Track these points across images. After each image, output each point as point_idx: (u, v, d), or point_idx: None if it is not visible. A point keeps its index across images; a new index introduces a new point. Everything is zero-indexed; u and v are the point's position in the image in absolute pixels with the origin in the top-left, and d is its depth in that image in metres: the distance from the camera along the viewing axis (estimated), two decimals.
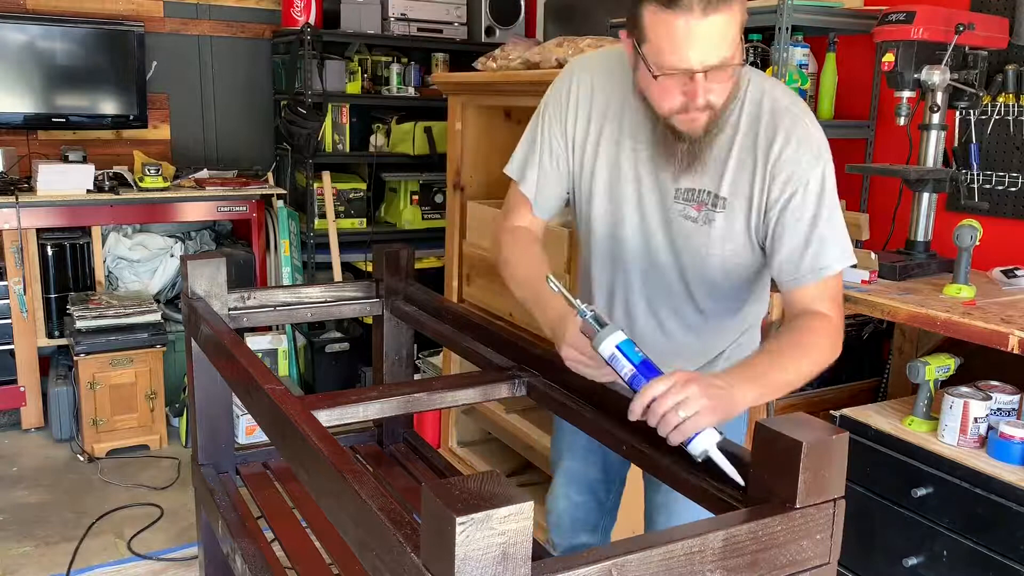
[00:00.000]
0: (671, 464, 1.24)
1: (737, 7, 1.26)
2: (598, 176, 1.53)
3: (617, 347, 1.23)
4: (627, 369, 1.23)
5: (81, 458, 3.45)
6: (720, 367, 1.60)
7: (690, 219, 1.46)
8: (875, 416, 2.09)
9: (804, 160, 1.38)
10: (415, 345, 2.69)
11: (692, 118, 1.34)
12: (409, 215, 4.32)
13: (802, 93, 2.62)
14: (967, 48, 2.25)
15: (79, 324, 3.42)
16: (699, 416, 1.15)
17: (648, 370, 1.23)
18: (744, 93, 1.41)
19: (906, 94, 2.23)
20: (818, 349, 1.34)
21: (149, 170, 3.72)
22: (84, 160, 3.71)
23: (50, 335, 3.70)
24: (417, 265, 2.38)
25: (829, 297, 1.40)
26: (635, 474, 1.88)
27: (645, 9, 1.28)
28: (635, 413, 1.19)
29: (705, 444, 1.15)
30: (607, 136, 1.51)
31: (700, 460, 1.16)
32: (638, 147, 1.48)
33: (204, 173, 4.01)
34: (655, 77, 1.30)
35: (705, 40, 1.25)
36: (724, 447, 1.15)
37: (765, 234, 1.43)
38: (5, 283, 3.53)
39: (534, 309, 1.49)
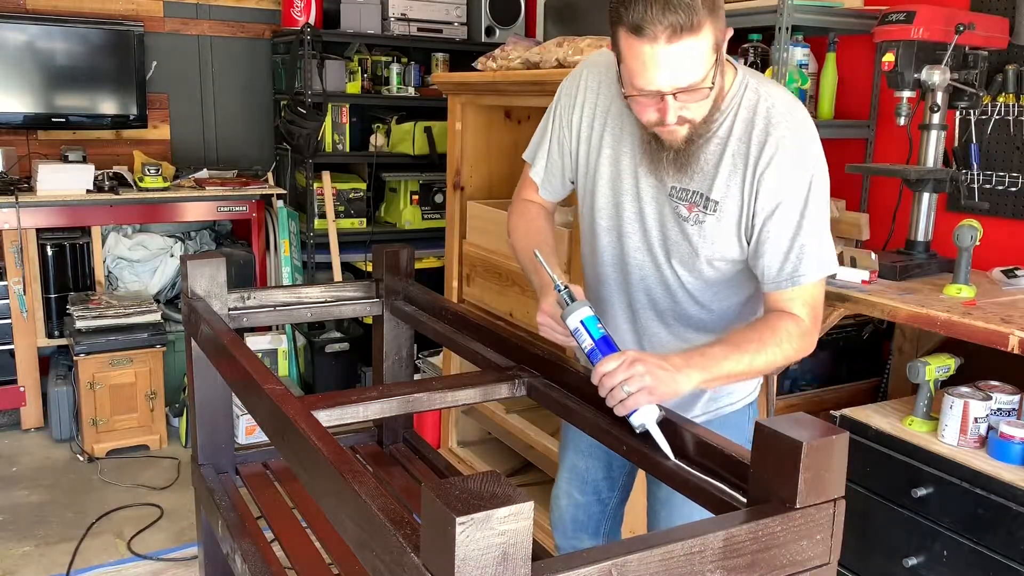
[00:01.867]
0: (672, 464, 1.24)
1: (704, 30, 1.27)
2: (601, 170, 1.58)
3: (582, 322, 1.36)
4: (587, 343, 1.35)
5: (81, 458, 3.45)
6: None
7: (681, 217, 1.49)
8: (875, 416, 2.09)
9: (792, 171, 1.39)
10: (415, 345, 2.69)
11: (670, 131, 1.39)
12: (409, 215, 4.32)
13: (802, 93, 2.62)
14: (967, 48, 2.24)
15: (79, 324, 3.42)
16: (640, 393, 1.26)
17: (606, 346, 1.34)
18: (740, 98, 1.43)
19: (906, 94, 2.23)
20: (778, 347, 1.39)
21: (149, 170, 3.72)
22: (84, 160, 3.71)
23: (50, 335, 3.70)
24: (417, 265, 2.38)
25: (804, 301, 1.43)
26: (640, 473, 1.87)
27: (619, 32, 1.32)
28: (595, 381, 1.32)
29: (643, 418, 1.27)
30: (610, 132, 1.56)
31: (639, 432, 1.28)
32: (636, 144, 1.52)
33: (204, 173, 4.01)
34: (626, 97, 1.38)
35: (672, 65, 1.29)
36: (668, 422, 1.26)
37: (751, 238, 1.46)
38: (5, 283, 3.53)
39: (530, 276, 1.61)
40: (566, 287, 1.40)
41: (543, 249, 1.55)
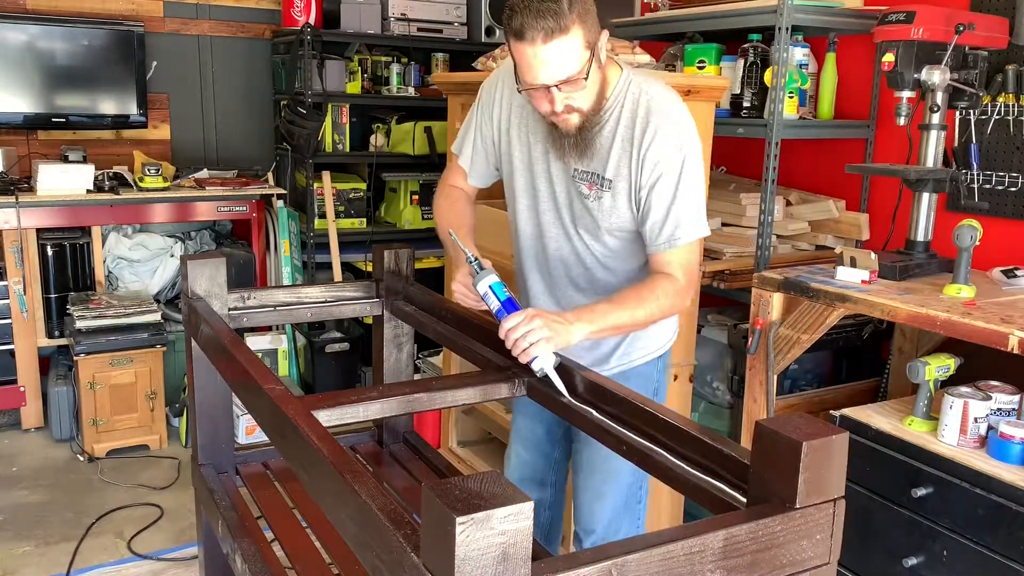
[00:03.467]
0: (672, 464, 1.24)
1: (573, 32, 1.53)
2: (520, 157, 1.84)
3: (490, 287, 1.60)
4: (495, 304, 1.60)
5: (81, 458, 3.46)
6: None
7: (584, 195, 1.76)
8: (875, 416, 2.09)
9: (668, 150, 1.66)
10: (415, 345, 2.69)
11: (562, 119, 1.65)
12: (409, 215, 4.32)
13: (802, 93, 2.62)
14: (967, 48, 2.24)
15: (79, 324, 3.42)
16: (540, 343, 1.50)
17: (510, 306, 1.59)
18: (626, 93, 1.70)
19: (906, 94, 2.23)
20: (655, 302, 1.65)
21: (149, 170, 3.72)
22: (84, 160, 3.71)
23: (50, 335, 3.70)
24: (417, 265, 2.38)
25: (679, 263, 1.69)
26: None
27: (509, 39, 1.58)
28: (502, 336, 1.55)
29: (542, 363, 1.50)
30: (526, 125, 1.82)
31: (540, 376, 1.52)
32: (546, 135, 1.77)
33: (204, 173, 4.01)
34: (520, 92, 1.65)
35: (551, 62, 1.54)
36: (563, 368, 1.51)
37: (639, 208, 1.72)
38: (5, 283, 3.53)
39: (449, 251, 1.88)
40: (476, 259, 1.65)
41: (461, 229, 1.82)
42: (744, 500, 1.10)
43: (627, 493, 1.94)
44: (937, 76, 2.18)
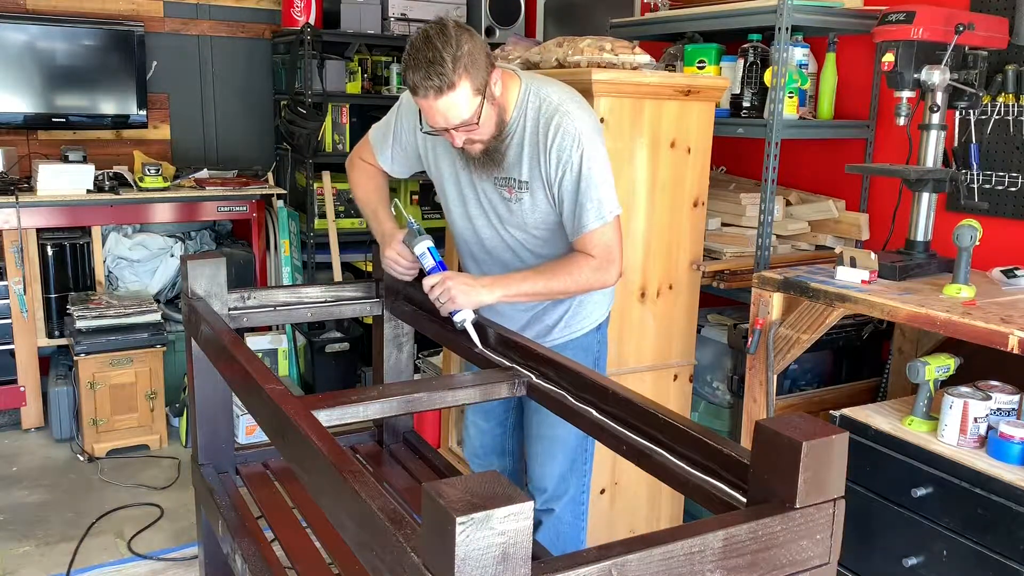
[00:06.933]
0: (672, 464, 1.24)
1: (461, 86, 1.69)
2: (448, 168, 2.01)
3: (428, 248, 1.89)
4: (430, 263, 1.89)
5: (81, 458, 3.46)
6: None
7: (506, 199, 1.94)
8: (875, 416, 2.09)
9: (567, 148, 1.82)
10: (415, 345, 2.69)
11: (467, 149, 1.86)
12: (409, 215, 4.31)
13: (802, 93, 2.62)
14: (967, 48, 2.24)
15: (79, 324, 3.42)
16: (452, 300, 1.79)
17: (440, 267, 1.87)
18: (527, 103, 1.86)
19: (906, 94, 2.23)
20: (569, 276, 1.86)
21: (149, 170, 3.72)
22: (84, 160, 3.71)
23: (50, 335, 3.70)
24: None
25: (594, 244, 1.87)
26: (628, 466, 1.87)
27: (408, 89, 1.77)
28: (425, 291, 1.84)
29: (461, 317, 1.80)
30: (446, 143, 1.93)
31: (460, 329, 1.80)
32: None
33: (204, 173, 4.01)
34: (422, 131, 1.92)
35: (444, 112, 1.73)
36: (478, 323, 1.81)
37: (555, 201, 1.89)
38: (5, 283, 3.53)
39: (371, 222, 2.12)
40: (416, 224, 1.94)
41: (384, 202, 2.12)
42: (744, 500, 1.10)
43: (573, 456, 2.12)
44: (937, 76, 2.18)
